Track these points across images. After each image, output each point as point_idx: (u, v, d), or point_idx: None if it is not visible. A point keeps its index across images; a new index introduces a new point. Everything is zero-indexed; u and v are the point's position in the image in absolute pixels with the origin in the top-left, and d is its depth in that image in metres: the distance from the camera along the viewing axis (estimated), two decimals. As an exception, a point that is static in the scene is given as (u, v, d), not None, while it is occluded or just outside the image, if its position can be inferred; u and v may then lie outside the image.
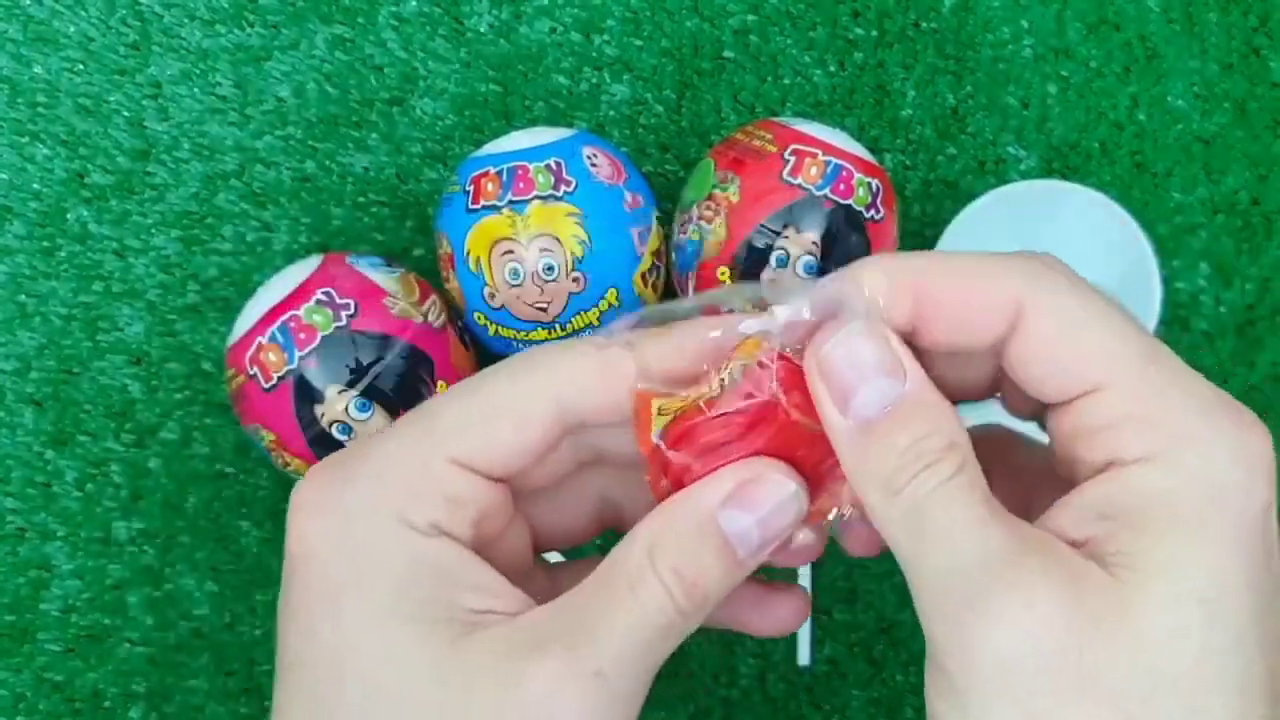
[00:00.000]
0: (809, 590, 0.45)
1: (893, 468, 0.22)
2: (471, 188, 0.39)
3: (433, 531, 0.23)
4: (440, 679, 0.22)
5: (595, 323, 0.39)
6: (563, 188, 0.38)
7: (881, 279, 0.23)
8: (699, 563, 0.23)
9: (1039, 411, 0.25)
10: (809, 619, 0.45)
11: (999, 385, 0.26)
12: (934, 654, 0.21)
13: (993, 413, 0.28)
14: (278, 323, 0.37)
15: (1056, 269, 0.23)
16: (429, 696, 0.22)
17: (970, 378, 0.25)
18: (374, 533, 0.23)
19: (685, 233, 0.40)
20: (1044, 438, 0.25)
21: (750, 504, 0.23)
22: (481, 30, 0.45)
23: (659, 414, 0.24)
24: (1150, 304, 0.43)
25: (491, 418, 0.24)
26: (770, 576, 0.45)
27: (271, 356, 0.37)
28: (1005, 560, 0.20)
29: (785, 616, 0.28)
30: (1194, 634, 0.20)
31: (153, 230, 0.44)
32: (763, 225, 0.38)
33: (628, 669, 0.22)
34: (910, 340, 0.23)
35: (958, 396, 0.26)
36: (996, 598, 0.20)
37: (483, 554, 0.24)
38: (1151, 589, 0.20)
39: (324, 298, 0.38)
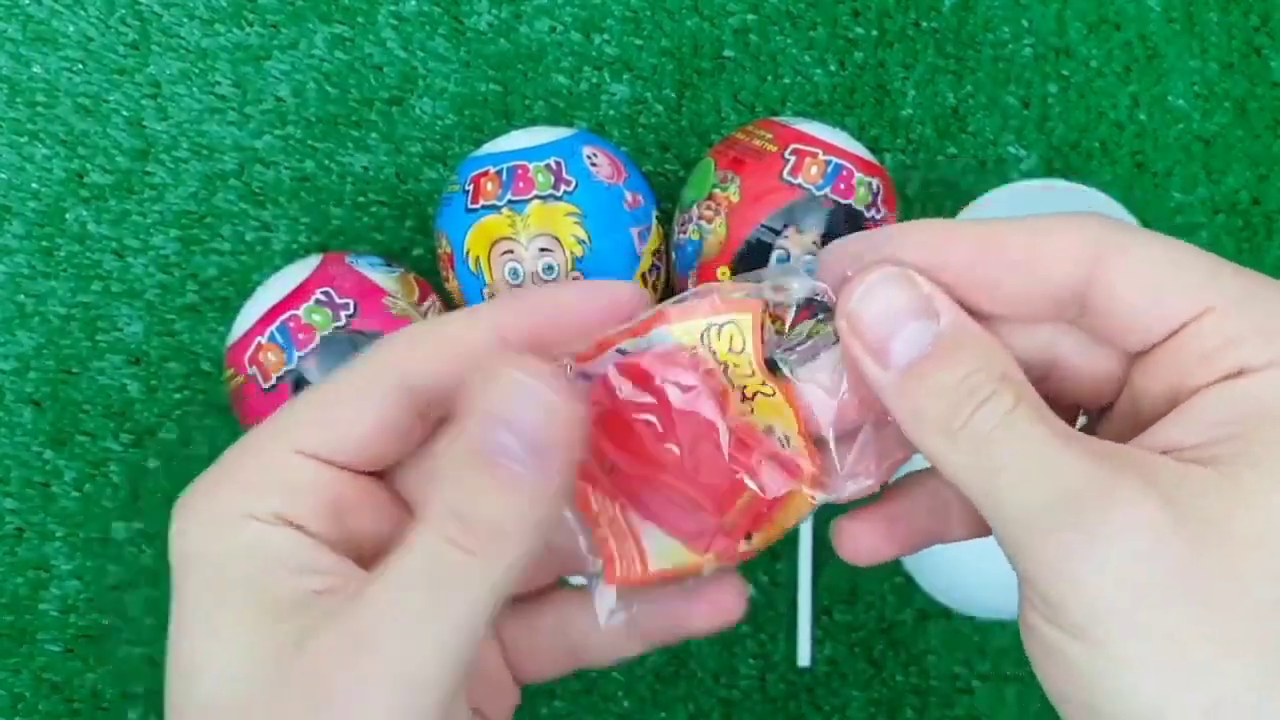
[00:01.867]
0: (809, 654, 0.45)
1: (947, 409, 0.21)
2: (471, 187, 0.39)
3: (275, 521, 0.22)
4: (254, 663, 0.21)
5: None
6: (562, 187, 0.38)
7: (917, 241, 0.22)
8: (469, 489, 0.20)
9: (1098, 388, 0.24)
10: (810, 618, 0.45)
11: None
12: (1038, 589, 0.20)
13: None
14: (277, 323, 0.37)
15: (1125, 223, 0.22)
16: (246, 683, 0.21)
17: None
18: (212, 528, 0.22)
19: (685, 232, 0.40)
20: None
21: (494, 410, 0.21)
22: (481, 29, 0.45)
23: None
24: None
25: (331, 403, 0.23)
26: (772, 577, 0.45)
27: (271, 356, 0.37)
28: (1100, 478, 0.19)
29: (721, 599, 0.26)
30: None
31: (152, 230, 0.44)
32: (763, 225, 0.38)
33: (400, 627, 0.20)
34: (973, 309, 0.22)
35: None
36: (1102, 516, 0.19)
37: (355, 544, 0.23)
38: (1272, 486, 0.19)
39: (323, 298, 0.38)
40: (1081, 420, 0.26)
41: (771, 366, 0.24)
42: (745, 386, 0.24)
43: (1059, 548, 0.19)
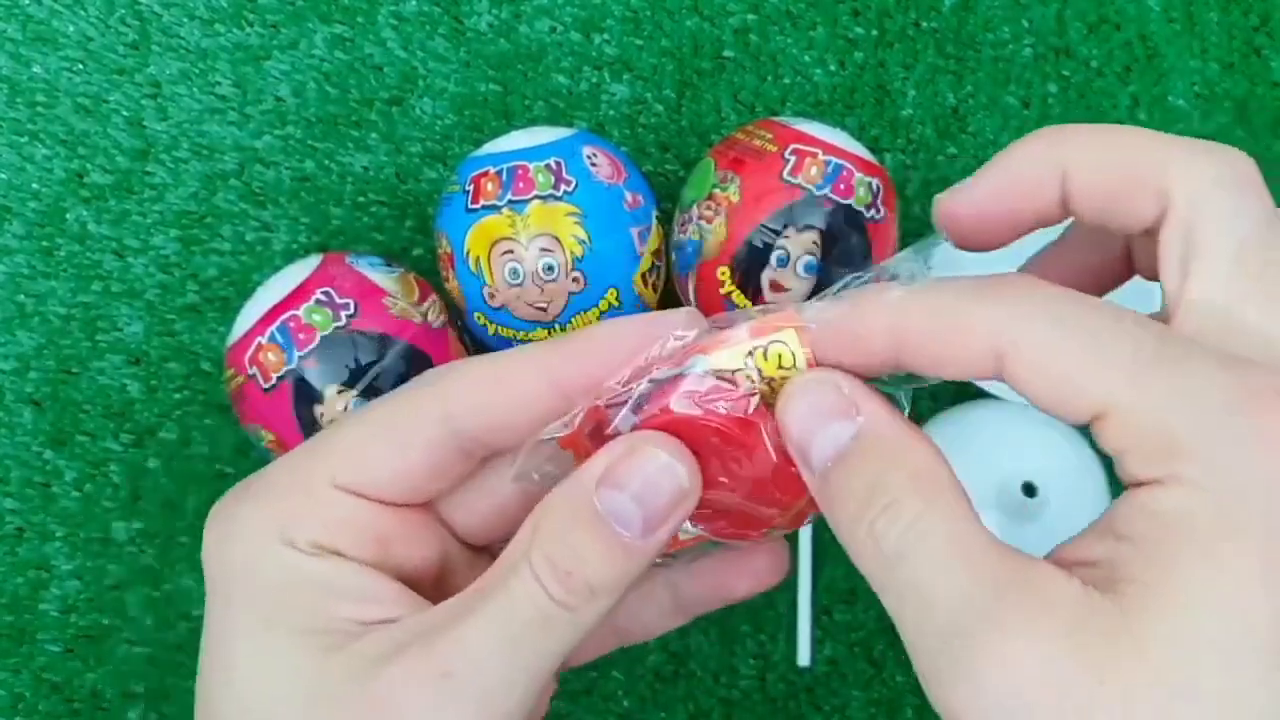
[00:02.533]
0: (809, 654, 0.45)
1: (855, 513, 0.20)
2: (471, 187, 0.39)
3: (315, 550, 0.22)
4: (306, 692, 0.21)
5: (595, 322, 0.39)
6: (562, 187, 0.38)
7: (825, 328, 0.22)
8: (576, 548, 0.21)
9: None
10: (810, 618, 0.45)
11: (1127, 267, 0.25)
12: (931, 701, 0.20)
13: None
14: (277, 323, 0.37)
15: (1034, 291, 0.21)
16: (292, 706, 0.21)
17: (1106, 268, 0.25)
18: (254, 551, 0.22)
19: (685, 232, 0.40)
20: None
21: (623, 479, 0.22)
22: (481, 29, 0.45)
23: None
24: (1150, 306, 0.43)
25: (372, 439, 0.23)
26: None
27: (271, 356, 0.37)
28: (978, 615, 0.18)
29: (763, 567, 0.27)
30: (1205, 683, 0.17)
31: (152, 230, 0.44)
32: (763, 225, 0.38)
33: (488, 668, 0.21)
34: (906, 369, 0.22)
35: (1103, 288, 0.26)
36: (970, 660, 0.18)
37: (402, 573, 0.23)
38: (1158, 629, 0.18)
39: (323, 297, 0.38)
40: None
41: None
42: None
43: (939, 676, 0.19)
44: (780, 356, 0.23)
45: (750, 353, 0.23)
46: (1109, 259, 0.27)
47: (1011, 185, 0.23)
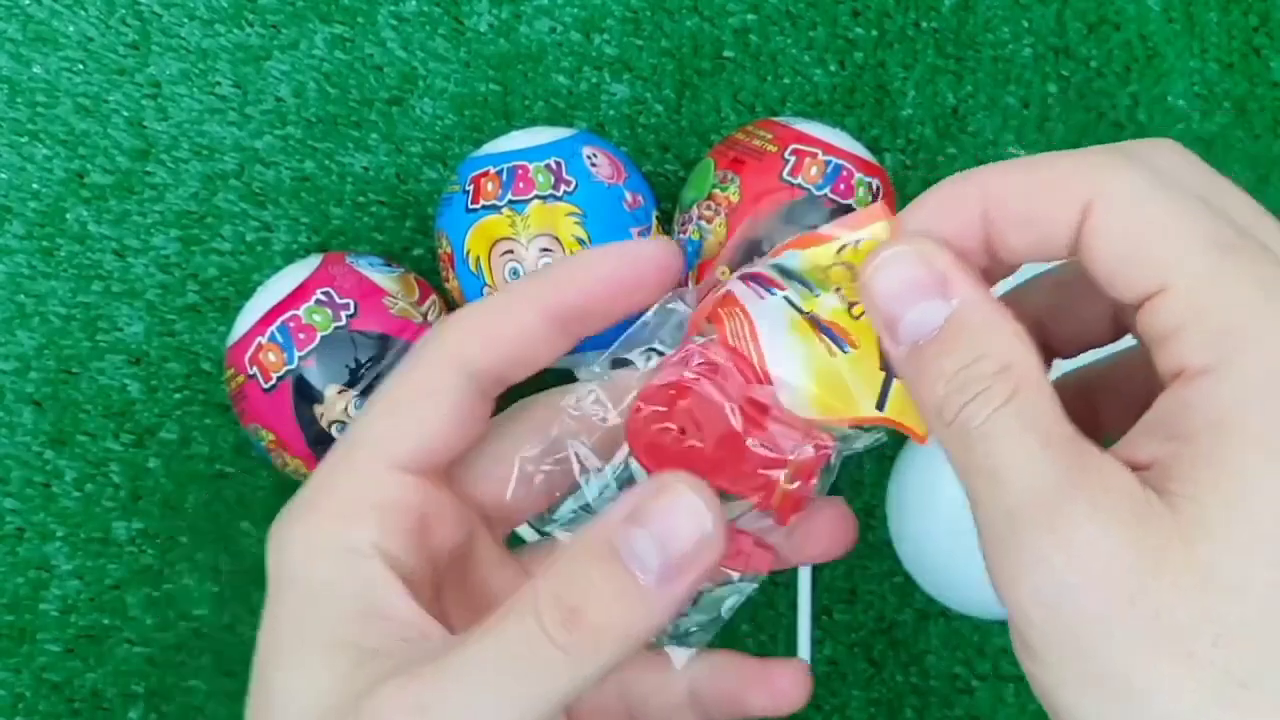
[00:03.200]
0: (809, 654, 0.45)
1: (942, 398, 0.20)
2: (471, 187, 0.39)
3: (368, 551, 0.22)
4: (322, 706, 0.21)
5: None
6: (563, 187, 0.38)
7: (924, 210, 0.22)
8: (584, 586, 0.20)
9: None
10: (810, 618, 0.45)
11: (1124, 326, 0.24)
12: (997, 589, 0.20)
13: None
14: (277, 323, 0.37)
15: (1133, 157, 0.20)
16: (316, 714, 0.21)
17: (1089, 319, 0.24)
18: (311, 561, 0.22)
19: (685, 233, 0.40)
20: None
21: (647, 517, 0.20)
22: (481, 30, 0.45)
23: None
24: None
25: (406, 406, 0.23)
26: (772, 577, 0.45)
27: (271, 356, 0.37)
28: (1047, 498, 0.19)
29: (785, 688, 0.26)
30: (1260, 576, 0.18)
31: (152, 230, 0.44)
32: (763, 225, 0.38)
33: (468, 708, 0.20)
34: (994, 257, 0.22)
35: (1081, 342, 0.25)
36: (1036, 540, 0.19)
37: (434, 568, 0.24)
38: (1213, 527, 0.18)
39: (323, 297, 0.38)
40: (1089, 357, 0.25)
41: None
42: None
43: (1003, 559, 0.19)
44: (868, 250, 0.22)
45: (840, 249, 0.22)
46: (1092, 311, 0.25)
47: (935, 227, 0.22)
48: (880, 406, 0.23)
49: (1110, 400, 0.26)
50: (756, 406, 0.24)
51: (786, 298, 0.24)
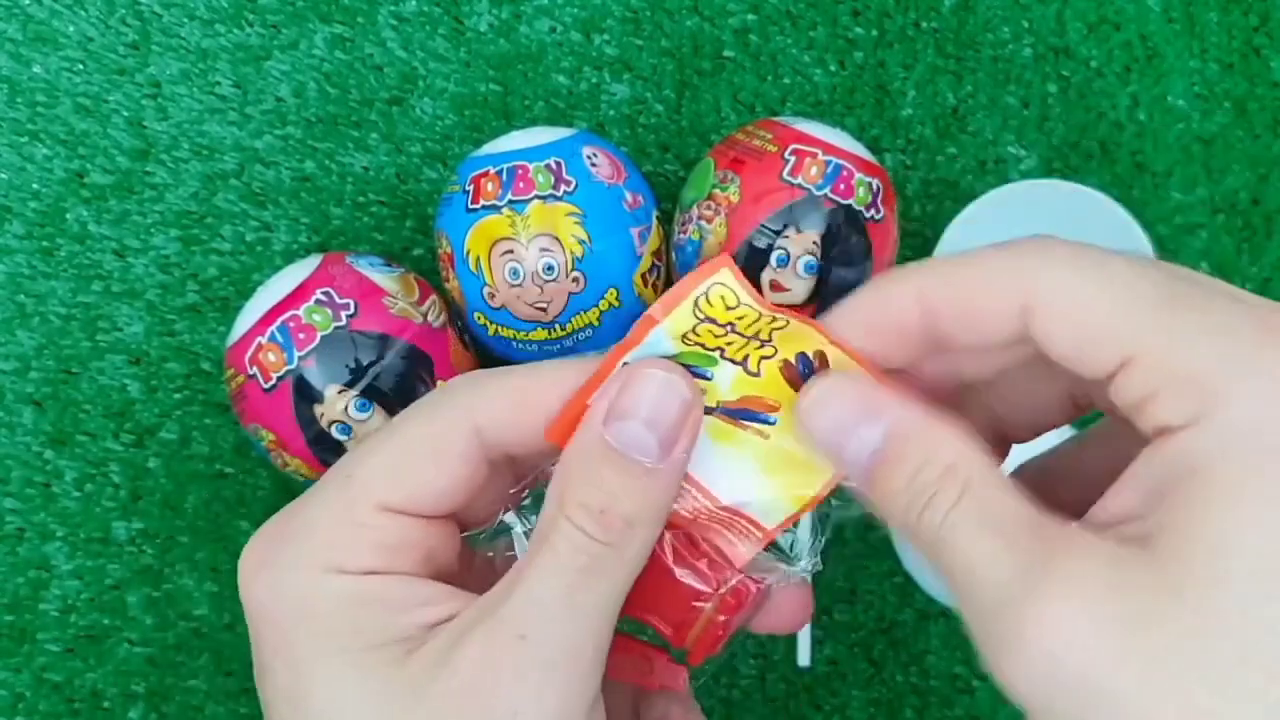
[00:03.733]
0: (809, 655, 0.45)
1: (901, 511, 0.21)
2: (471, 187, 0.39)
3: (367, 574, 0.23)
4: (387, 701, 0.21)
5: (595, 323, 0.39)
6: (563, 187, 0.38)
7: (849, 319, 0.23)
8: (603, 487, 0.22)
9: None
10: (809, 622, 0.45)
11: (1083, 401, 0.25)
12: (989, 670, 0.20)
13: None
14: (277, 323, 0.37)
15: (1053, 248, 0.21)
16: (380, 713, 0.21)
17: (1043, 402, 0.25)
18: (307, 587, 0.22)
19: (685, 233, 0.40)
20: None
21: (629, 407, 0.22)
22: (481, 30, 0.45)
23: (707, 296, 0.23)
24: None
25: (408, 457, 0.23)
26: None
27: (271, 356, 0.37)
28: (1018, 586, 0.19)
29: (786, 611, 0.27)
30: (1247, 613, 0.18)
31: (152, 230, 0.44)
32: (763, 225, 0.38)
33: (555, 625, 0.21)
34: (939, 346, 0.23)
35: (1037, 426, 0.26)
36: (1016, 626, 0.19)
37: (440, 576, 0.24)
38: (1199, 572, 0.18)
39: (323, 297, 0.38)
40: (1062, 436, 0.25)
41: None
42: (759, 332, 0.24)
43: (992, 648, 0.20)
44: (724, 298, 0.24)
45: (695, 303, 0.24)
46: (1046, 394, 0.26)
47: (874, 323, 0.23)
48: None
49: (1071, 482, 0.26)
50: (688, 540, 0.25)
51: None
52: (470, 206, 0.38)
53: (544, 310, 0.38)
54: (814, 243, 0.38)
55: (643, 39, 0.45)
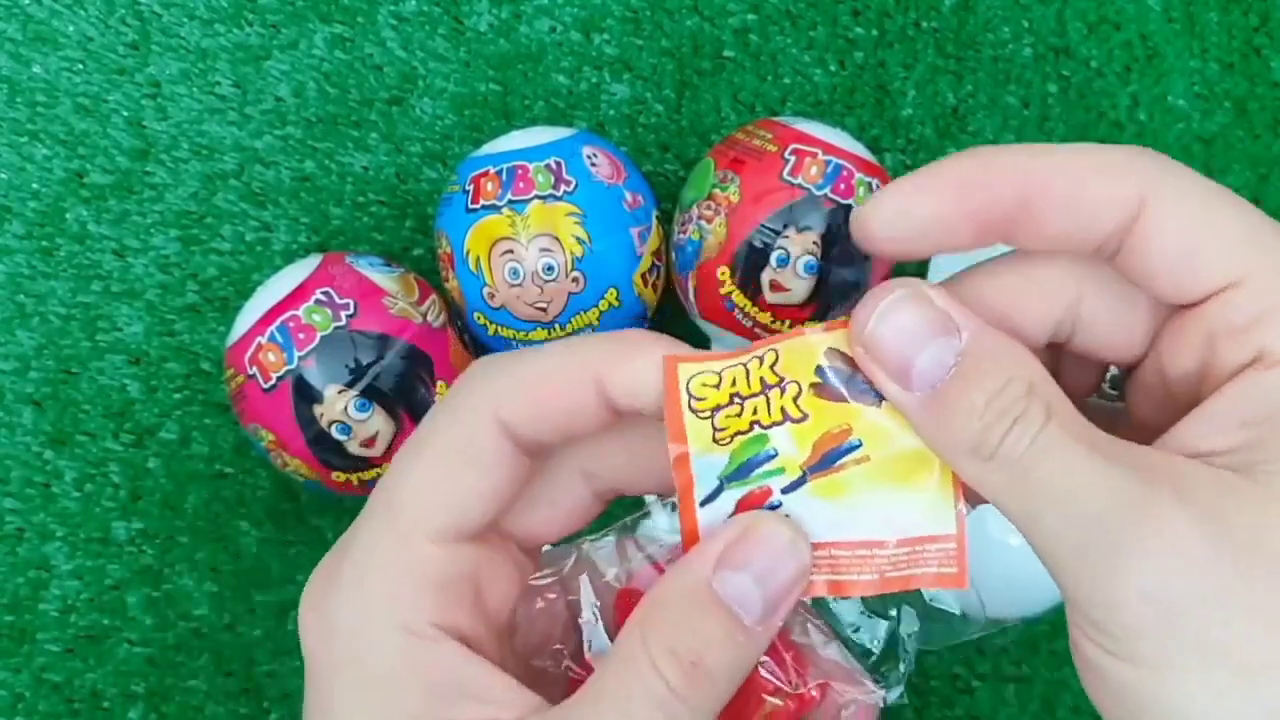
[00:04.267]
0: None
1: (978, 433, 0.20)
2: (471, 187, 0.39)
3: (432, 634, 0.21)
4: None
5: (595, 323, 0.39)
6: (562, 187, 0.38)
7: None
8: (698, 637, 0.20)
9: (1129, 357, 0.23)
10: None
11: (1052, 343, 0.24)
12: (1081, 610, 0.19)
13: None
14: (277, 322, 0.37)
15: (1168, 159, 0.20)
16: None
17: (1027, 332, 0.23)
18: (365, 641, 0.21)
19: (685, 232, 0.40)
20: None
21: (743, 560, 0.21)
22: (481, 29, 0.45)
23: (690, 393, 0.22)
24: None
25: (445, 473, 0.22)
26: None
27: (271, 356, 0.37)
28: (1133, 498, 0.18)
29: None
30: None
31: (152, 230, 0.44)
32: (763, 225, 0.38)
33: None
34: (1013, 240, 0.21)
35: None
36: (1134, 540, 0.18)
37: (495, 628, 0.23)
38: None
39: (323, 297, 0.38)
40: (1113, 371, 0.25)
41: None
42: (764, 380, 0.22)
43: (1097, 570, 0.19)
44: (704, 383, 0.22)
45: (692, 410, 0.22)
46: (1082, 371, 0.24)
47: (963, 195, 0.21)
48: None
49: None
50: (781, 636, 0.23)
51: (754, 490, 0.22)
52: (470, 206, 0.38)
53: (544, 310, 0.38)
54: (814, 243, 0.38)
55: (643, 39, 0.45)
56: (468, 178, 0.39)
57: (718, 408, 0.22)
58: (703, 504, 0.22)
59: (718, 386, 0.22)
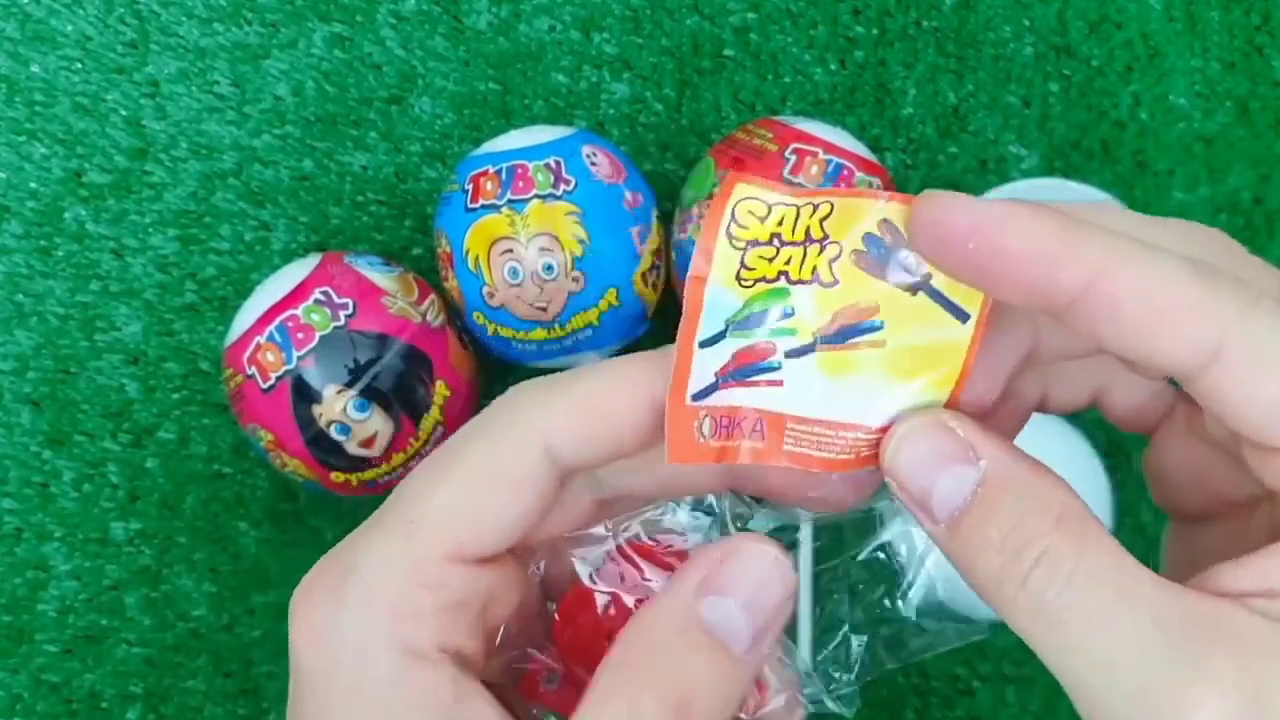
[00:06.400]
0: (809, 655, 0.44)
1: (999, 568, 0.19)
2: (470, 186, 0.38)
3: (435, 657, 0.20)
4: None
5: (595, 322, 0.39)
6: (562, 187, 0.38)
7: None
8: (687, 677, 0.19)
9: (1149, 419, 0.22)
10: (810, 618, 0.45)
11: (1100, 396, 0.23)
12: None
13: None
14: (276, 322, 0.37)
15: (1259, 297, 0.18)
16: None
17: (1071, 393, 0.23)
18: (367, 663, 0.20)
19: (685, 232, 0.40)
20: None
21: (729, 585, 0.20)
22: (480, 28, 0.45)
23: (734, 217, 0.20)
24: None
25: (478, 496, 0.21)
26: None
27: (269, 356, 0.37)
28: (1172, 657, 0.17)
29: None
30: None
31: (150, 229, 0.44)
32: (763, 224, 0.38)
33: None
34: (1054, 326, 0.20)
35: (1056, 407, 0.23)
36: (1177, 702, 0.17)
37: (491, 642, 0.22)
38: None
39: (322, 297, 0.37)
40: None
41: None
42: (809, 230, 0.20)
43: None
44: (752, 211, 0.20)
45: (729, 235, 0.20)
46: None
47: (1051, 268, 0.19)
48: (964, 317, 0.20)
49: None
50: None
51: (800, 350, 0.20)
52: (469, 206, 0.38)
53: (543, 310, 0.38)
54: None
55: (643, 38, 0.45)
56: (467, 177, 0.39)
57: (754, 242, 0.20)
58: (701, 344, 0.21)
59: (764, 220, 0.20)
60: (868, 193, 0.20)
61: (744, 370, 0.21)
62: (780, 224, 0.20)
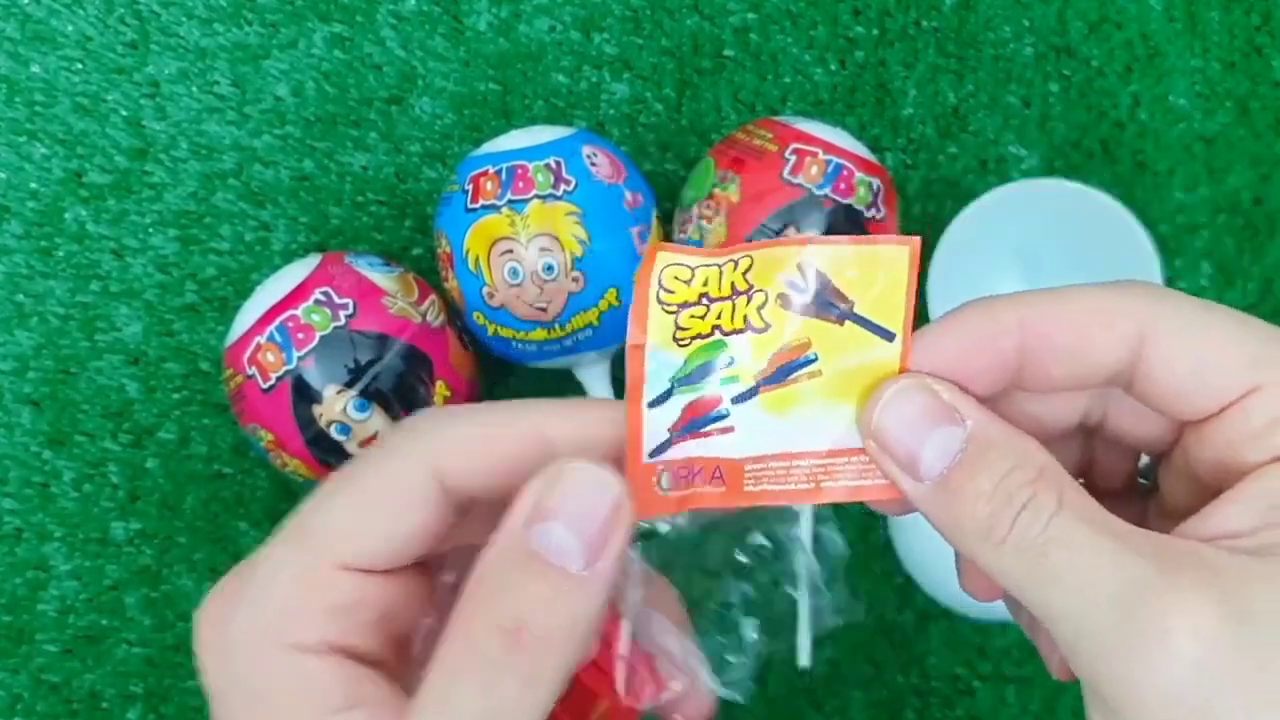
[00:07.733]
0: (809, 655, 0.44)
1: (988, 518, 0.20)
2: (471, 187, 0.38)
3: (324, 649, 0.21)
4: None
5: (595, 322, 0.39)
6: (562, 187, 0.38)
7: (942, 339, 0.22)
8: (518, 598, 0.20)
9: (1152, 441, 0.24)
10: (810, 619, 0.45)
11: (1084, 426, 0.25)
12: (1096, 692, 0.20)
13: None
14: (276, 322, 0.37)
15: (1159, 288, 0.21)
16: None
17: (1054, 420, 0.24)
18: (256, 659, 0.21)
19: (685, 232, 0.40)
20: None
21: (554, 509, 0.20)
22: (481, 29, 0.45)
23: (661, 284, 0.21)
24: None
25: (370, 515, 0.21)
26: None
27: (270, 356, 0.37)
28: (1153, 584, 0.19)
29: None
30: None
31: (150, 230, 0.44)
32: (763, 224, 0.38)
33: None
34: (1019, 385, 0.22)
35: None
36: (1154, 627, 0.18)
37: (398, 633, 0.22)
38: None
39: (322, 297, 0.37)
40: (1144, 460, 0.25)
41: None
42: (734, 285, 0.22)
43: (1116, 655, 0.19)
44: (676, 276, 0.22)
45: (659, 301, 0.22)
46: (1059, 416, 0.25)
47: (970, 348, 0.22)
48: (889, 336, 0.22)
49: None
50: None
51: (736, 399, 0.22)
52: (469, 206, 0.38)
53: (544, 310, 0.38)
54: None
55: (643, 38, 0.45)
56: (467, 177, 0.39)
57: (685, 304, 0.22)
58: (651, 405, 0.22)
59: (689, 282, 0.22)
60: (782, 241, 0.22)
61: (695, 423, 0.22)
62: (706, 284, 0.22)
